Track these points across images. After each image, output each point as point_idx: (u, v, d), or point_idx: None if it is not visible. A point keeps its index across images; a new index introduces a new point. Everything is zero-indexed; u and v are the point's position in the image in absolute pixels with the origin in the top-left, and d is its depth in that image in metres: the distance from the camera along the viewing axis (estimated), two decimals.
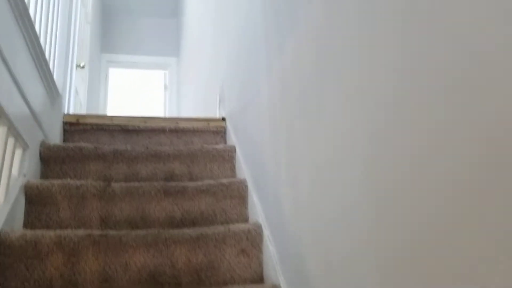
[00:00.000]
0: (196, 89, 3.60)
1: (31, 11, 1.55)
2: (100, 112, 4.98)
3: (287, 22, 1.23)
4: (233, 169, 1.88)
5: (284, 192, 1.23)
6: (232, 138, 1.99)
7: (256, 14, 1.58)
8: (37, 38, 1.55)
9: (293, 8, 1.15)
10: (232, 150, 1.90)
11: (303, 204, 1.06)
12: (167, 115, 5.24)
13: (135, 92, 7.75)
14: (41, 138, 1.78)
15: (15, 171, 1.53)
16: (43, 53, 1.64)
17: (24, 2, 1.37)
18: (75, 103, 3.22)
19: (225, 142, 2.11)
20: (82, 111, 3.59)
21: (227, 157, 1.89)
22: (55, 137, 1.93)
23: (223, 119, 2.17)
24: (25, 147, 1.58)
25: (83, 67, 3.24)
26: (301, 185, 1.08)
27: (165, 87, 5.41)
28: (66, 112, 2.08)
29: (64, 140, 2.01)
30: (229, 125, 2.10)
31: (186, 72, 4.70)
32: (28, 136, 1.58)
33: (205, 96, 2.97)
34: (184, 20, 4.87)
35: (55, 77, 1.92)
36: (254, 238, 1.43)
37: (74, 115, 2.04)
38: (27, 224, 1.53)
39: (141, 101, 8.34)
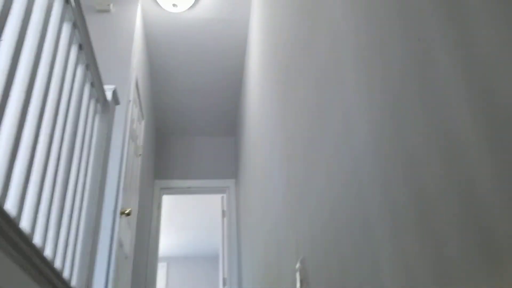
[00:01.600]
0: (261, 238, 2.98)
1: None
2: (150, 248, 4.44)
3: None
4: None
5: None
6: None
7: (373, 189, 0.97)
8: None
9: None
10: None
11: None
12: (226, 246, 4.61)
13: (191, 220, 7.26)
14: None
15: None
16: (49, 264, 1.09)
17: None
18: (117, 257, 2.69)
19: None
20: (127, 265, 3.04)
21: None
22: None
23: None
24: None
25: (128, 214, 2.75)
26: None
27: (223, 213, 4.86)
28: None
29: None
30: None
31: (246, 196, 4.15)
32: None
33: (276, 256, 2.32)
34: (243, 140, 4.45)
35: (75, 276, 1.36)
36: None
37: None
38: None
39: (197, 229, 7.79)
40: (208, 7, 3.67)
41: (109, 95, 1.75)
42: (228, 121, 4.99)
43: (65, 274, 1.25)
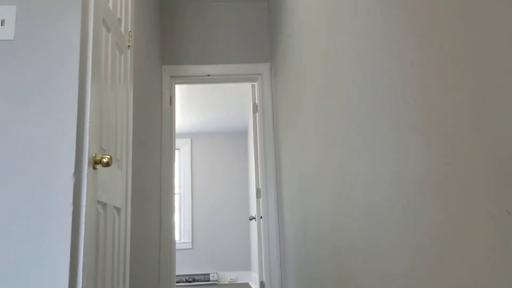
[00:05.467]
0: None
1: None
2: (164, 156, 3.46)
3: None
4: None
5: None
6: None
7: None
8: None
9: None
10: None
11: None
12: (260, 150, 3.58)
13: (214, 99, 6.16)
14: None
15: None
16: None
17: None
18: (94, 224, 1.70)
19: None
20: (122, 217, 2.06)
21: None
22: None
23: None
24: None
25: (107, 164, 1.66)
26: None
27: (255, 107, 3.72)
28: None
29: None
30: None
31: (289, 88, 2.99)
32: None
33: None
34: (282, 5, 3.10)
35: None
36: None
37: None
38: None
39: (221, 107, 6.66)
40: None
41: None
42: None
43: None
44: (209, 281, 6.64)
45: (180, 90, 5.45)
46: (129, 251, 2.17)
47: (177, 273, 6.63)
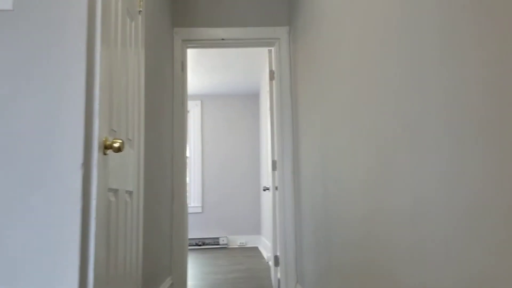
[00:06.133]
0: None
1: None
2: (175, 127, 3.29)
3: None
4: None
5: None
6: None
7: None
8: None
9: None
10: None
11: None
12: (276, 119, 3.40)
13: (224, 61, 5.93)
14: None
15: None
16: None
17: None
18: (106, 210, 1.57)
19: None
20: (134, 202, 1.92)
21: None
22: None
23: None
24: None
25: (119, 149, 1.50)
26: None
27: (271, 74, 3.51)
28: None
29: None
30: None
31: (310, 53, 2.77)
32: None
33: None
34: None
35: None
36: None
37: None
38: None
39: (232, 69, 6.40)
40: None
41: None
42: None
43: None
44: (219, 244, 6.64)
45: (189, 51, 5.22)
46: (142, 230, 2.05)
47: None
